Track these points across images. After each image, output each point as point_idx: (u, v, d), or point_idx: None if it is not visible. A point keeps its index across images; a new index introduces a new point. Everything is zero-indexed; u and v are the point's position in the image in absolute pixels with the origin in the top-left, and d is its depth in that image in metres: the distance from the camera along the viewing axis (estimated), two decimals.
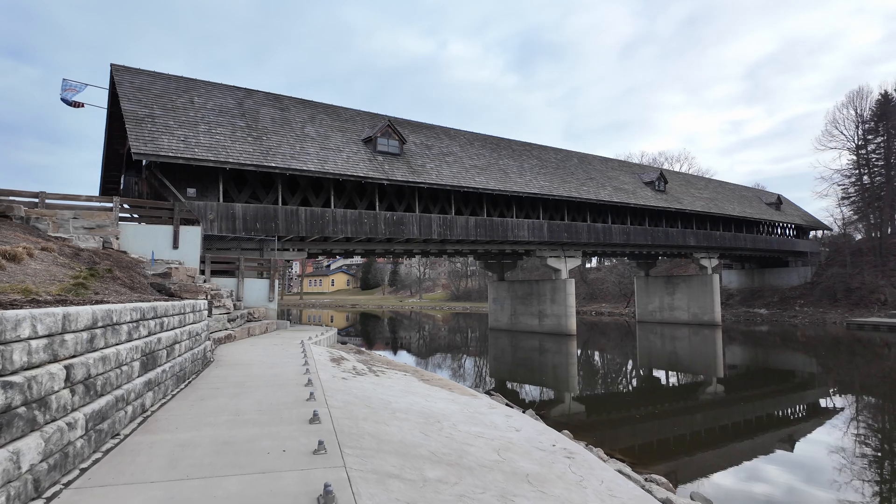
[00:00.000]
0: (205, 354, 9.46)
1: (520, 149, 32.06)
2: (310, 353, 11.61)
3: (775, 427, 12.87)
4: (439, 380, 10.96)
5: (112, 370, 4.67)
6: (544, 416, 11.76)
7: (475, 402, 8.59)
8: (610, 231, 31.49)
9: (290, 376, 8.41)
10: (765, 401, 15.96)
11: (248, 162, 18.77)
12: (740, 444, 11.26)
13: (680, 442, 11.30)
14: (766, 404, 15.50)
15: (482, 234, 25.77)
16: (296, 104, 24.21)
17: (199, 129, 19.10)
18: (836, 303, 45.47)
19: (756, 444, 11.16)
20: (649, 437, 11.63)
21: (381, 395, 7.71)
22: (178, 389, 7.05)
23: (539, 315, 31.87)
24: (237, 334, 14.66)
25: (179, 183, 18.66)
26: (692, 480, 8.61)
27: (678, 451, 10.59)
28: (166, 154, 17.15)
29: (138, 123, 17.82)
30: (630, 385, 20.00)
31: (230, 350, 12.02)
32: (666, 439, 11.41)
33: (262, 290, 19.39)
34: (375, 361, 13.46)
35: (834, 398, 16.89)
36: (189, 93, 20.89)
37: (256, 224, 19.40)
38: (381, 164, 22.77)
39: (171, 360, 6.90)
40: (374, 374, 10.25)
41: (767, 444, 11.04)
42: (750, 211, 43.15)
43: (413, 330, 45.44)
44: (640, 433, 11.98)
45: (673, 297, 42.77)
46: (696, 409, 14.64)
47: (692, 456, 10.30)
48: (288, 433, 4.97)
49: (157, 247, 17.00)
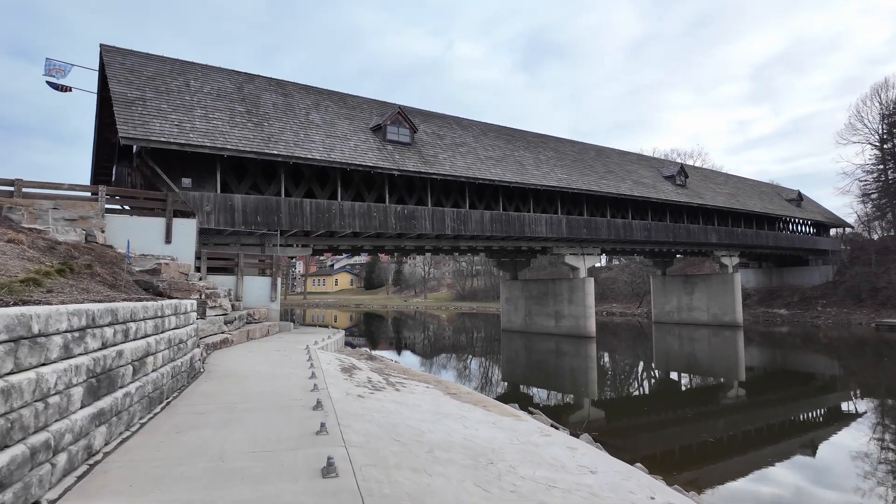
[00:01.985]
0: (192, 365, 7.89)
1: (535, 140, 30.43)
2: (316, 360, 10.03)
3: (814, 435, 11.98)
4: (468, 393, 9.36)
5: (26, 406, 3.08)
6: (567, 423, 10.52)
7: (521, 425, 6.99)
8: (630, 227, 29.82)
9: (294, 393, 6.84)
10: (795, 406, 15.07)
11: (248, 149, 17.21)
12: (768, 450, 10.59)
13: (706, 449, 10.86)
14: (796, 409, 14.61)
15: (498, 230, 24.14)
16: (299, 90, 22.64)
17: (194, 113, 17.55)
18: (860, 303, 43.66)
19: (786, 451, 10.49)
20: (677, 443, 11.15)
21: (410, 419, 6.11)
22: (150, 415, 5.48)
23: (556, 316, 30.22)
24: (235, 338, 13.10)
25: (174, 172, 17.11)
26: (715, 486, 8.23)
27: (706, 458, 10.13)
28: (158, 139, 15.59)
29: (128, 106, 16.28)
30: (652, 389, 18.63)
31: (225, 357, 10.46)
32: (699, 448, 10.92)
33: (263, 288, 17.82)
34: (390, 369, 11.87)
35: (868, 402, 15.76)
36: (184, 76, 19.33)
37: (257, 217, 17.83)
38: (392, 154, 21.17)
39: (140, 378, 5.32)
40: (393, 387, 8.67)
41: (800, 452, 10.45)
42: (771, 207, 41.41)
43: (420, 331, 43.87)
44: (667, 439, 11.37)
45: (691, 296, 41.04)
46: (723, 415, 13.89)
47: (716, 463, 9.81)
48: (291, 498, 3.38)
49: (148, 241, 15.45)
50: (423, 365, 23.36)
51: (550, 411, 14.28)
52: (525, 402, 15.09)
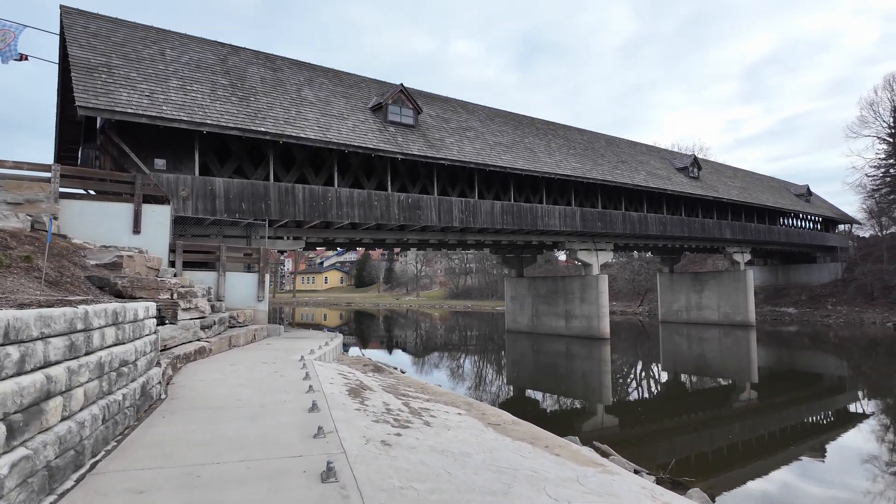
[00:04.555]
0: (145, 392, 5.68)
1: (544, 127, 28.33)
2: (316, 379, 7.85)
3: (844, 442, 11.12)
4: (514, 424, 7.23)
5: None
6: (581, 433, 9.49)
7: (617, 484, 4.88)
8: (646, 221, 27.85)
9: (290, 441, 4.67)
10: (817, 410, 14.37)
11: (232, 125, 14.90)
12: (790, 458, 9.96)
13: (725, 455, 10.26)
14: (819, 414, 13.93)
15: (509, 223, 22.01)
16: (290, 65, 20.30)
17: (169, 84, 15.19)
18: (872, 301, 42.19)
19: (810, 458, 9.99)
20: (696, 449, 10.62)
21: (467, 488, 3.96)
22: (51, 499, 3.27)
23: (566, 316, 28.16)
24: (214, 346, 10.86)
25: (145, 152, 14.78)
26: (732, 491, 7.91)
27: (724, 465, 9.56)
28: (124, 110, 13.24)
29: (89, 73, 13.90)
30: (667, 393, 17.29)
31: (199, 373, 8.24)
32: (717, 454, 10.35)
33: (248, 287, 15.51)
34: (405, 386, 9.70)
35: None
36: (160, 44, 16.94)
37: (242, 204, 15.54)
38: (394, 136, 18.94)
39: (29, 440, 3.10)
40: (419, 417, 6.52)
41: (825, 460, 9.98)
42: (783, 202, 39.76)
43: (414, 330, 41.69)
44: (685, 446, 10.74)
45: (701, 295, 39.26)
46: (741, 419, 13.24)
47: (735, 470, 9.27)
48: None
49: (112, 230, 13.12)
50: (423, 366, 21.34)
51: (564, 418, 13.25)
52: (544, 415, 13.33)
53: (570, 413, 14.06)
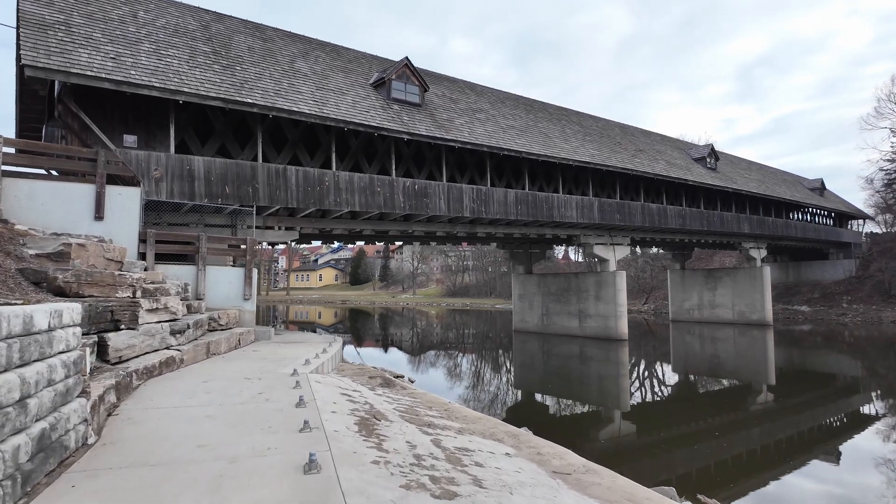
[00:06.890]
0: (45, 445, 3.64)
1: (556, 113, 26.34)
2: (313, 403, 5.85)
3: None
4: (588, 473, 5.25)
5: None
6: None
7: None
8: (665, 213, 25.95)
9: None
10: (849, 417, 13.33)
11: (214, 94, 12.79)
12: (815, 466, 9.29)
13: (748, 464, 9.51)
14: (852, 422, 12.84)
15: (523, 213, 20.02)
16: (283, 36, 18.18)
17: (140, 47, 13.05)
18: (890, 299, 40.61)
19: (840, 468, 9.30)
20: (726, 456, 9.90)
21: None
22: None
23: (580, 315, 26.22)
24: (187, 355, 8.80)
25: (113, 127, 12.68)
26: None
27: (746, 475, 8.70)
28: (83, 72, 11.12)
29: (42, 30, 11.75)
30: (684, 397, 16.12)
31: (158, 395, 6.19)
32: (738, 463, 9.60)
33: (233, 283, 13.39)
34: (425, 407, 7.69)
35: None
36: (131, 5, 14.78)
37: (225, 188, 13.45)
38: (399, 114, 16.89)
39: None
40: (462, 469, 4.52)
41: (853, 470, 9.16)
42: (799, 196, 38.04)
43: (414, 329, 39.70)
44: (708, 454, 9.96)
45: (714, 292, 37.47)
46: (763, 424, 12.38)
47: (755, 479, 8.46)
48: None
49: (69, 215, 11.03)
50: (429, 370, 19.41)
51: (580, 423, 12.46)
52: (576, 426, 11.74)
53: (586, 415, 12.32)
